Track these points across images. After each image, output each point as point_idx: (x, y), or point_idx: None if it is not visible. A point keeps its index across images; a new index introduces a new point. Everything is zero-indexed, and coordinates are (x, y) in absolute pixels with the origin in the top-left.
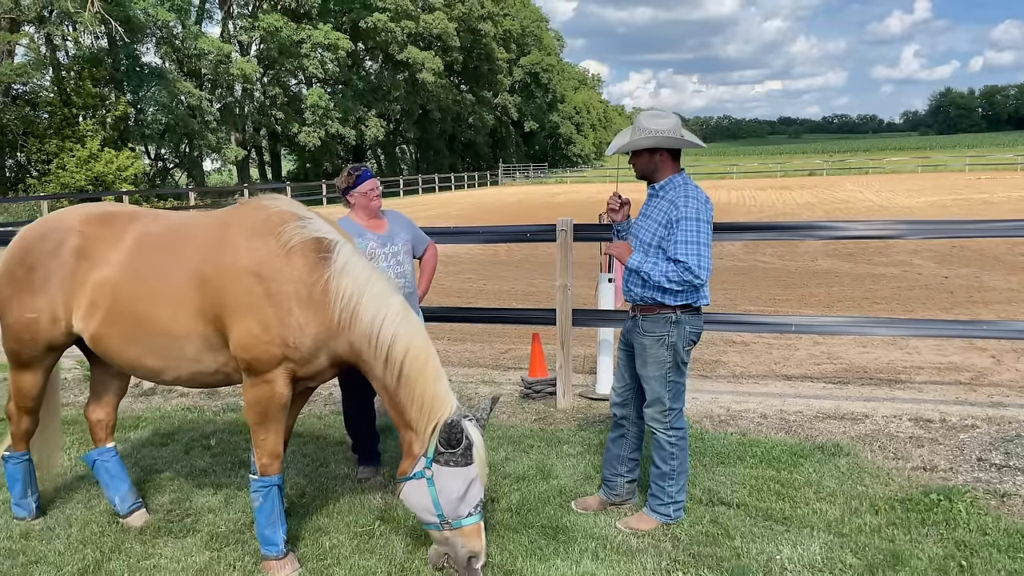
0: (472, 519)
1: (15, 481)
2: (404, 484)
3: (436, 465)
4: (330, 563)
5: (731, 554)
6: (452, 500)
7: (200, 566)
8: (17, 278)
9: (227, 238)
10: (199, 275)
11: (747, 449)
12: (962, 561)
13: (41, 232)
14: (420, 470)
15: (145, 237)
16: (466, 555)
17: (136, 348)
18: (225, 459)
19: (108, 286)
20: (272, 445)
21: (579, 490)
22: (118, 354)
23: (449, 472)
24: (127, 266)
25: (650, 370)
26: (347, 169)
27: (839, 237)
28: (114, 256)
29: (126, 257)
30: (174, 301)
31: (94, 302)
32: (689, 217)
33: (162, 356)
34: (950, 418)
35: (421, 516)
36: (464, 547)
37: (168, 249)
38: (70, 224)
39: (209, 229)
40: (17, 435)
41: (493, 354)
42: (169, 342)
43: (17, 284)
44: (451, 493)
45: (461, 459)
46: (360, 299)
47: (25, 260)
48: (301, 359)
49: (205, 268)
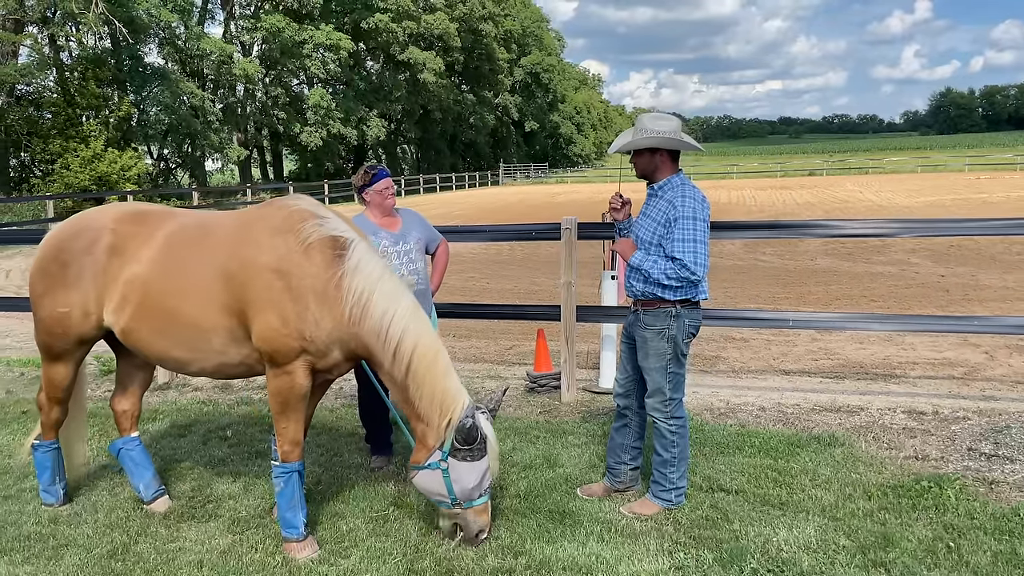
0: (482, 499)
1: (44, 468)
2: (418, 472)
3: (452, 459)
4: (347, 545)
5: (730, 536)
6: (467, 489)
7: (223, 548)
8: (51, 274)
9: (250, 236)
10: (224, 271)
11: (745, 440)
12: (950, 543)
13: (75, 230)
14: (435, 461)
15: (174, 235)
16: (475, 530)
17: (165, 341)
18: (242, 449)
19: (139, 282)
20: (293, 433)
21: (584, 478)
22: (148, 346)
23: (465, 466)
24: (157, 263)
25: (651, 362)
26: (363, 168)
27: (834, 235)
28: (145, 253)
29: (156, 254)
30: (202, 296)
31: (125, 297)
32: (686, 216)
33: (190, 348)
34: (942, 410)
35: (433, 498)
36: (474, 523)
37: (196, 246)
38: (103, 223)
39: (233, 227)
40: (47, 424)
41: (498, 350)
42: (196, 335)
43: (51, 280)
44: (467, 484)
45: (477, 454)
46: (371, 296)
47: (59, 257)
48: (317, 352)
49: (230, 265)
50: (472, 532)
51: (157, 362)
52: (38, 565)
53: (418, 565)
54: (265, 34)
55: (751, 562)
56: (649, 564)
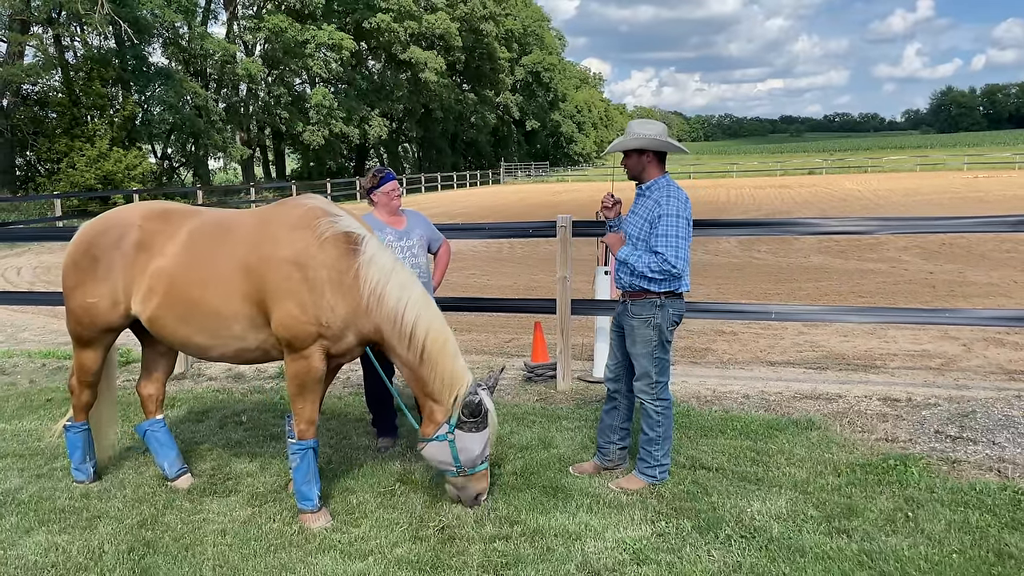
0: (482, 466)
1: (75, 448)
2: (427, 444)
3: (459, 431)
4: (358, 516)
5: (708, 507)
6: (471, 457)
7: (244, 519)
8: (82, 268)
9: (269, 231)
10: (246, 264)
11: (728, 424)
12: (908, 513)
13: (104, 227)
14: (443, 434)
15: (197, 231)
16: (474, 493)
17: (188, 327)
18: (257, 433)
19: (165, 274)
20: (309, 413)
21: (576, 457)
22: (172, 333)
23: (470, 436)
24: (182, 257)
25: (638, 348)
26: (371, 171)
27: (816, 233)
28: (170, 248)
29: (181, 249)
30: (224, 286)
31: (152, 288)
32: (669, 214)
33: (212, 335)
34: (916, 398)
35: (439, 467)
36: (475, 488)
37: (218, 241)
38: (131, 220)
39: (253, 224)
40: (78, 407)
41: (497, 343)
42: (218, 322)
43: (82, 273)
44: (471, 452)
45: (481, 425)
46: (386, 286)
47: (89, 252)
48: (332, 336)
49: (251, 258)
50: (471, 495)
51: (180, 348)
52: (74, 535)
53: (422, 533)
54: (268, 34)
55: (726, 529)
56: (633, 531)
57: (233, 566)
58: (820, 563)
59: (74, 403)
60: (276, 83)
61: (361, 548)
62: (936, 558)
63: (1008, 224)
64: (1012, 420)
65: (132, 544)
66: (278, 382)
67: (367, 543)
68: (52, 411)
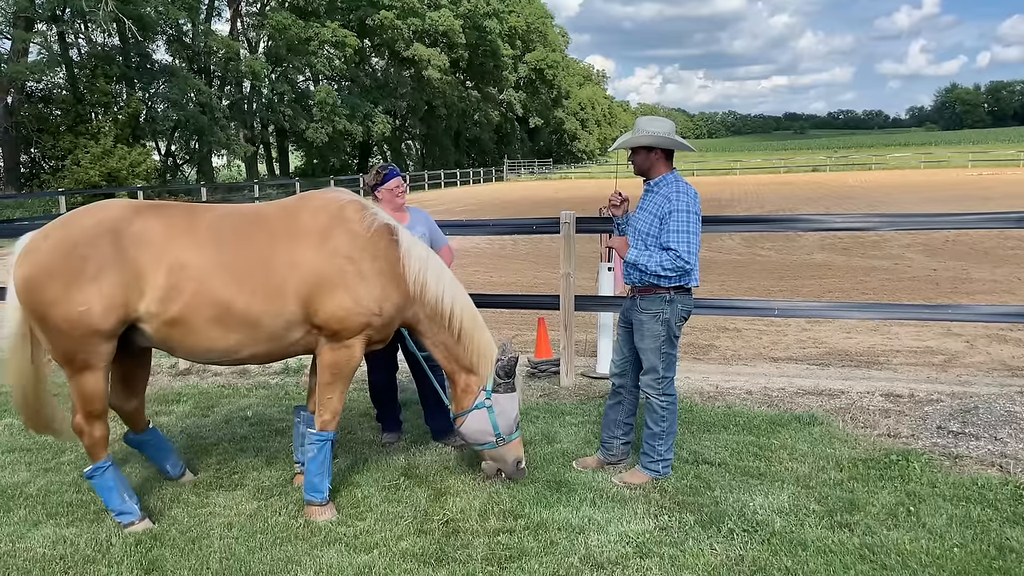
0: (517, 433)
1: (109, 491)
2: (466, 417)
3: (496, 395)
4: (363, 510)
5: (710, 502)
6: (508, 421)
7: (250, 512)
8: (65, 273)
9: (313, 225)
10: (291, 260)
11: (731, 419)
12: (910, 507)
13: (89, 222)
14: (481, 401)
15: (217, 226)
16: (515, 460)
17: (218, 330)
18: (262, 428)
19: (192, 271)
20: (336, 403)
21: (580, 452)
22: (194, 337)
23: (506, 398)
24: (208, 253)
25: (647, 343)
26: (376, 168)
27: (817, 229)
28: (188, 243)
29: (204, 244)
30: (265, 284)
31: (175, 287)
32: (680, 210)
33: (246, 335)
34: (918, 394)
35: (480, 439)
36: (514, 454)
37: (247, 237)
38: (121, 212)
39: (287, 218)
40: (92, 447)
41: (501, 340)
42: (258, 321)
43: (64, 281)
44: (508, 415)
45: (514, 384)
46: (426, 273)
47: (75, 252)
48: (382, 325)
49: (296, 254)
50: (512, 464)
51: (195, 353)
52: (81, 527)
53: (427, 527)
54: (271, 31)
55: (728, 523)
56: (636, 525)
57: (239, 559)
58: (822, 556)
59: (87, 445)
60: (280, 80)
61: (366, 541)
62: (937, 552)
63: (1012, 220)
64: (1014, 416)
65: (139, 537)
66: (283, 377)
67: (372, 536)
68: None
